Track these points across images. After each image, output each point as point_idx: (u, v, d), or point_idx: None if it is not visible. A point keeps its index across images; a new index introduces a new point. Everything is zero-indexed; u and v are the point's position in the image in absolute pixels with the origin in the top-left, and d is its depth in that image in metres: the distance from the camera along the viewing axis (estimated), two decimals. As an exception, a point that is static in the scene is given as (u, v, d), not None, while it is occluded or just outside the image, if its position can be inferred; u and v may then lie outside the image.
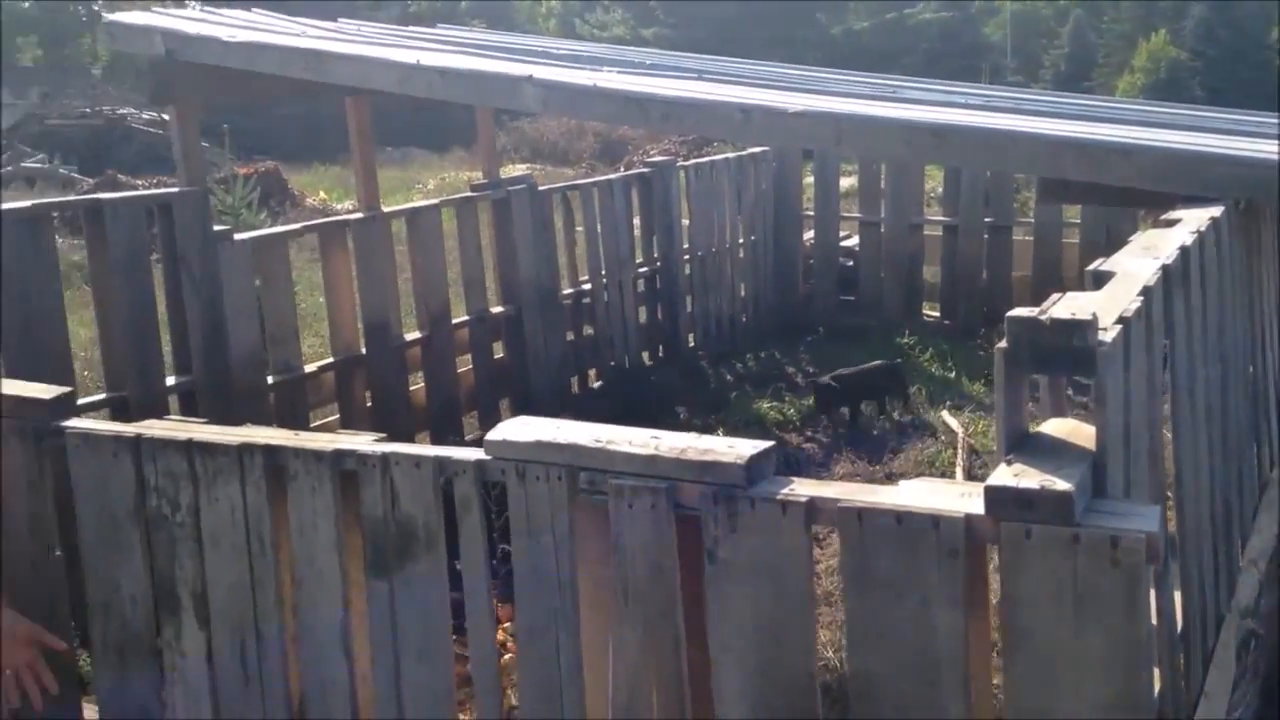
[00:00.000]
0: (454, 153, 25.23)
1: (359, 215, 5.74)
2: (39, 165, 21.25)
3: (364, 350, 5.57)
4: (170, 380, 4.69)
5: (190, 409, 4.66)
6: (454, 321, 6.08)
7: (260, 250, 5.13)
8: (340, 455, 2.33)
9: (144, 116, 23.65)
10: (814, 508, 1.94)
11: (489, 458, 2.22)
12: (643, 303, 7.58)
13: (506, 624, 3.42)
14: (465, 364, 6.23)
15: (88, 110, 24.63)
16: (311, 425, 5.19)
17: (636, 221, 7.58)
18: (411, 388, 5.87)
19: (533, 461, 2.16)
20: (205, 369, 4.74)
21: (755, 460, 2.00)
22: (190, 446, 2.44)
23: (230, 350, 4.81)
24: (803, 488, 1.98)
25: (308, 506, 2.37)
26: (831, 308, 8.68)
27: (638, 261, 7.50)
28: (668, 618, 2.07)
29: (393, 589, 2.32)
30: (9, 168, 21.33)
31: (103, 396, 4.42)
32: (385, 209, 5.86)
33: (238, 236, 5.03)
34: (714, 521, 2.00)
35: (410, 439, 5.12)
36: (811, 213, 8.88)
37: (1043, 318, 2.01)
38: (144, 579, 2.53)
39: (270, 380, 5.08)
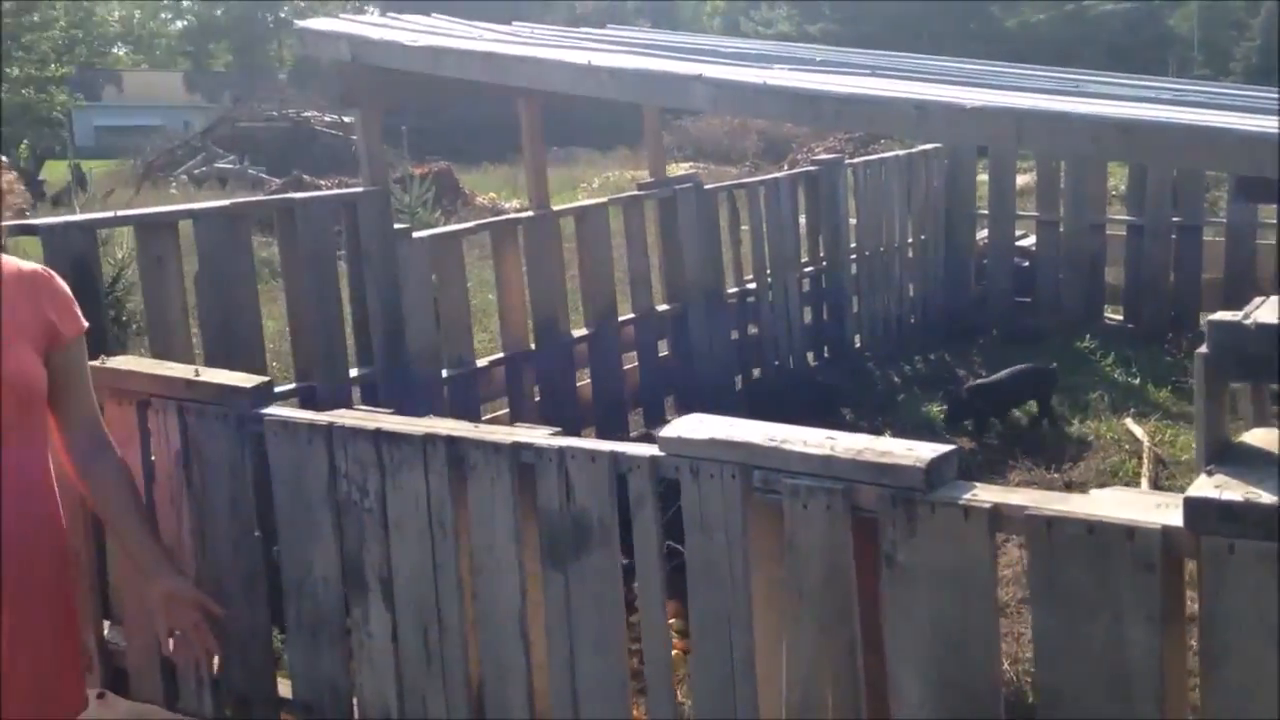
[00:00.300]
0: (618, 151, 25.55)
1: (529, 214, 5.87)
2: (230, 166, 22.51)
3: (533, 346, 5.69)
4: (353, 372, 4.89)
5: (371, 400, 4.84)
6: (620, 319, 6.15)
7: (437, 248, 5.30)
8: (519, 448, 2.39)
9: (326, 119, 24.73)
10: (998, 514, 1.89)
11: (663, 454, 2.24)
12: (808, 302, 7.50)
13: (672, 620, 3.43)
14: (630, 361, 6.30)
15: (275, 113, 25.89)
16: (482, 418, 5.34)
17: (802, 220, 7.51)
18: (578, 384, 5.97)
19: (707, 459, 2.17)
20: (385, 361, 4.92)
21: (935, 464, 1.96)
22: (378, 435, 2.54)
23: (408, 344, 4.98)
24: (986, 493, 1.93)
25: (487, 496, 2.43)
26: (1006, 309, 8.41)
27: (803, 260, 7.43)
28: (844, 620, 2.05)
29: (568, 580, 2.37)
30: (204, 168, 22.64)
31: (292, 386, 4.64)
32: (554, 208, 5.98)
33: (416, 235, 5.21)
34: (892, 525, 1.97)
35: (576, 434, 5.21)
36: (985, 211, 8.63)
37: (1247, 322, 1.91)
38: (335, 561, 2.64)
39: (444, 374, 5.24)
